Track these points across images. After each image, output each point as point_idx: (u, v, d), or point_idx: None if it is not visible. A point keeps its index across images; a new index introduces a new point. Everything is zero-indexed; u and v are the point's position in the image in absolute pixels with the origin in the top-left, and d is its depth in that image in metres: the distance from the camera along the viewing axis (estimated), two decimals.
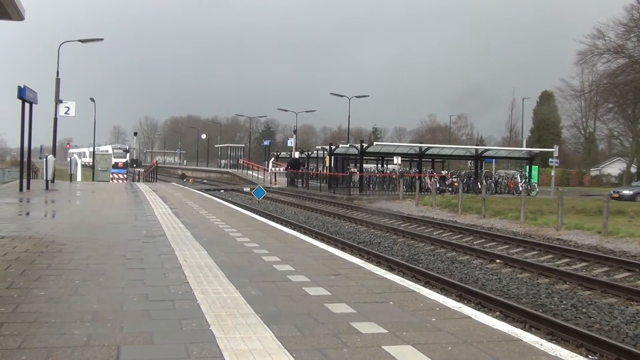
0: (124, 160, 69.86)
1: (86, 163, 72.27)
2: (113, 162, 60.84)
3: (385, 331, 4.33)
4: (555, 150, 38.84)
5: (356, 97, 54.68)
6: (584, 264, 12.85)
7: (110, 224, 11.05)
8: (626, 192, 34.20)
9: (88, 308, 4.75)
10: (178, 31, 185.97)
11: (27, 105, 18.96)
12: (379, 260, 12.54)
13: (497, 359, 3.81)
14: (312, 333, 4.23)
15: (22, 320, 4.35)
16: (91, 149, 75.49)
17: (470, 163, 48.25)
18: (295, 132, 56.74)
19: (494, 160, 47.32)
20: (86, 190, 23.45)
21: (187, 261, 6.99)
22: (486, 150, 40.25)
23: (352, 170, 38.35)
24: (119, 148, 79.59)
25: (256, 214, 16.35)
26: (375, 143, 40.60)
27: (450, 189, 33.77)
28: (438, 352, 3.89)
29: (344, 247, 14.21)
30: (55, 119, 25.71)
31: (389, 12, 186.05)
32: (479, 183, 32.82)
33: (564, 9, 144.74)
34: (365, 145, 35.91)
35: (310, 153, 49.09)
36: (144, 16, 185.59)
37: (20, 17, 9.72)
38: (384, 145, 39.42)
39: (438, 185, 31.81)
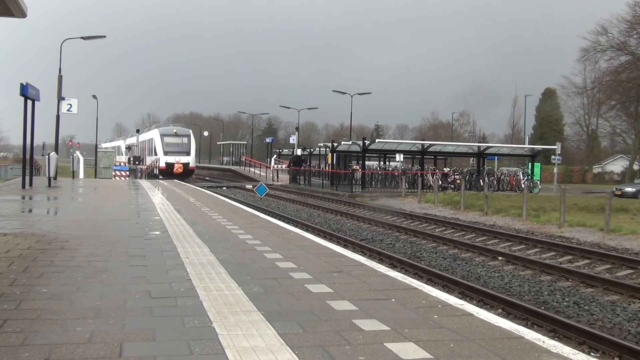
0: (185, 159, 43.68)
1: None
2: (164, 162, 42.52)
3: (387, 328, 4.33)
4: (557, 147, 38.73)
5: (358, 94, 54.60)
6: (587, 261, 12.83)
7: (112, 221, 11.07)
8: (629, 189, 34.12)
9: (90, 305, 4.76)
10: (180, 29, 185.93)
11: (29, 102, 18.98)
12: (381, 258, 12.54)
13: (499, 356, 3.81)
14: (314, 330, 4.23)
15: (24, 317, 4.36)
16: (128, 141, 56.08)
17: (473, 160, 48.21)
18: (297, 129, 56.68)
19: (496, 157, 47.28)
20: (88, 187, 23.50)
21: (190, 258, 7.00)
22: (488, 147, 40.21)
23: (354, 167, 38.35)
24: (175, 134, 45.43)
25: (258, 211, 16.36)
26: (377, 140, 40.58)
27: (452, 186, 33.75)
28: (440, 349, 3.89)
29: (346, 244, 14.21)
30: (58, 116, 25.71)
31: (391, 15, 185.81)
32: (481, 180, 32.79)
33: (567, 6, 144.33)
34: (367, 142, 35.90)
35: (312, 150, 49.06)
36: (145, 14, 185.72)
37: (22, 14, 9.73)
38: (386, 142, 39.40)
39: (440, 182, 31.78)
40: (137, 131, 53.75)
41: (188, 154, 44.52)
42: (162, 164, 43.14)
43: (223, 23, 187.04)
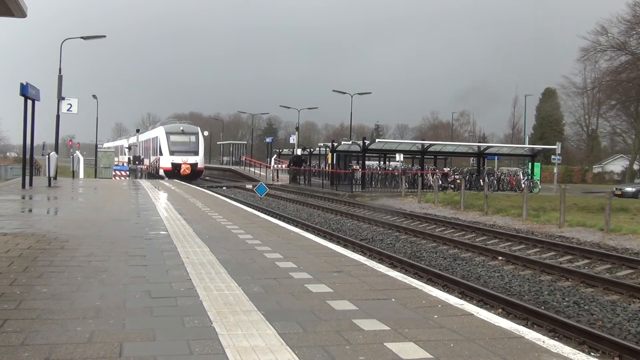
0: (193, 160, 40.17)
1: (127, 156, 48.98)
2: (170, 162, 39.28)
3: (387, 328, 4.33)
4: (557, 147, 38.75)
5: (358, 94, 54.62)
6: (587, 261, 12.83)
7: (112, 221, 11.07)
8: (629, 189, 34.12)
9: (90, 305, 4.76)
10: (180, 29, 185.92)
11: (29, 102, 18.98)
12: (381, 257, 12.54)
13: (499, 356, 3.81)
14: (314, 330, 4.23)
15: (24, 317, 4.35)
16: (132, 140, 51.59)
17: (473, 160, 48.22)
18: (297, 129, 56.70)
19: (496, 157, 47.29)
20: (88, 187, 23.50)
21: (190, 258, 6.99)
22: (488, 147, 40.21)
23: (354, 167, 38.35)
24: (182, 132, 41.64)
25: (258, 211, 16.36)
26: (377, 140, 40.58)
27: (452, 186, 33.75)
28: (440, 349, 3.89)
29: (346, 244, 14.20)
30: (58, 116, 25.72)
31: (392, 13, 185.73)
32: (481, 180, 32.80)
33: (568, 6, 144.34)
34: (367, 142, 35.89)
35: (312, 150, 49.06)
36: (146, 14, 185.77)
37: (22, 14, 9.72)
38: (386, 142, 39.37)
39: (440, 182, 31.78)
40: (137, 131, 53.16)
41: (196, 153, 40.95)
42: (168, 165, 40.10)
43: (223, 23, 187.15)
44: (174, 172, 39.13)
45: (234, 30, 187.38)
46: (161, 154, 41.15)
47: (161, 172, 40.17)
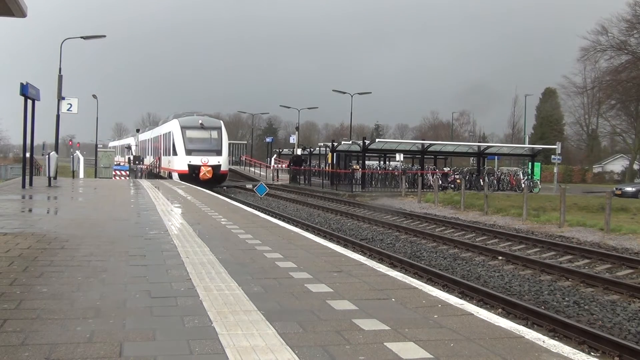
0: (215, 160, 33.38)
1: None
2: (187, 164, 32.92)
3: (387, 328, 4.33)
4: (557, 147, 38.78)
5: (358, 94, 54.64)
6: (587, 261, 12.83)
7: (112, 221, 11.06)
8: (629, 189, 34.17)
9: (91, 305, 4.76)
10: (179, 28, 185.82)
11: (29, 102, 18.98)
12: (381, 257, 12.54)
13: (499, 355, 3.81)
14: (314, 330, 4.23)
15: (24, 317, 4.35)
16: (141, 137, 47.10)
17: (473, 160, 48.25)
18: (297, 129, 56.70)
19: (496, 157, 47.32)
20: (88, 187, 23.51)
21: (190, 258, 6.99)
22: (488, 147, 40.24)
23: (354, 167, 38.37)
24: (201, 126, 34.92)
25: (258, 210, 16.36)
26: (377, 140, 40.57)
27: (452, 185, 33.77)
28: (440, 349, 3.89)
29: (346, 244, 14.21)
30: (58, 116, 25.73)
31: (392, 12, 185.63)
32: (481, 180, 32.82)
33: (567, 5, 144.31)
34: (367, 142, 35.90)
35: (312, 150, 49.09)
36: (145, 13, 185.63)
37: (22, 14, 9.72)
38: (387, 142, 39.36)
39: (440, 182, 31.79)
40: (137, 130, 53.25)
41: (219, 153, 33.98)
42: (183, 167, 33.28)
43: (225, 23, 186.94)
44: (191, 175, 32.55)
45: (235, 29, 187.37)
46: (175, 153, 34.28)
47: (175, 176, 33.99)
